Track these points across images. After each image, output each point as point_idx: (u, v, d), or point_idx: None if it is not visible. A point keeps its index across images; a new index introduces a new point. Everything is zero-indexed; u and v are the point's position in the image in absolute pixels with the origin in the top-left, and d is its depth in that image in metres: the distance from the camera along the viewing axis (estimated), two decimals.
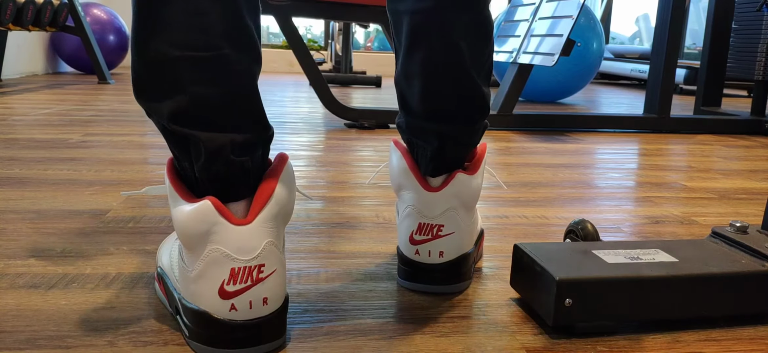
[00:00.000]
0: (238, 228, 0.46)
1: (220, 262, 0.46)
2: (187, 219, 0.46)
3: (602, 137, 1.83)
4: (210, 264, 0.46)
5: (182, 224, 0.46)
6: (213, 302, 0.47)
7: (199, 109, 0.46)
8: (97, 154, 1.24)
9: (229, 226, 0.46)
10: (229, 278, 0.46)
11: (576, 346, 0.52)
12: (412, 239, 0.61)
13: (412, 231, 0.61)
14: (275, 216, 0.48)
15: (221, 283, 0.46)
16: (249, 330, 0.47)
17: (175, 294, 0.52)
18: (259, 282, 0.47)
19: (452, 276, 0.61)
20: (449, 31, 0.57)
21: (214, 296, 0.47)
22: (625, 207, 1.01)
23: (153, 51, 0.45)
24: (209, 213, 0.46)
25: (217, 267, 0.46)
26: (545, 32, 1.92)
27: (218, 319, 0.47)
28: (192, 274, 0.48)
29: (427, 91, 0.59)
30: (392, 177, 0.63)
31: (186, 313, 0.49)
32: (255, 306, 0.47)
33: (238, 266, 0.46)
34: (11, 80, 2.90)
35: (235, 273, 0.46)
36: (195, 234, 0.46)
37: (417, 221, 0.60)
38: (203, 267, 0.47)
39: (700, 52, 4.64)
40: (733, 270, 0.57)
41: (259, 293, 0.47)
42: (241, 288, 0.47)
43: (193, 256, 0.47)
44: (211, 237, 0.46)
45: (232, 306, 0.47)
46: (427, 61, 0.58)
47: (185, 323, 0.49)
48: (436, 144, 0.60)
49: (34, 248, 0.70)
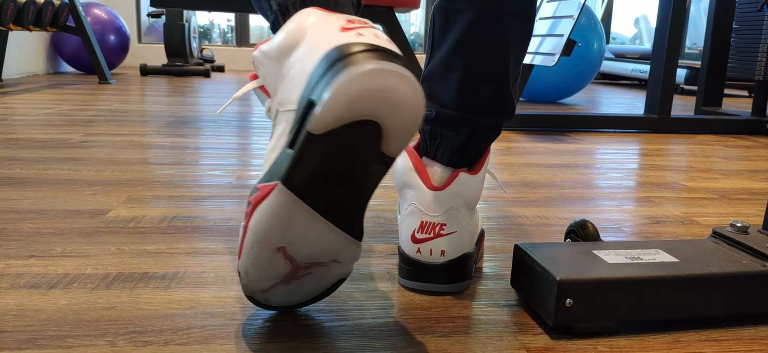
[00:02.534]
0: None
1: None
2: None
3: (603, 137, 1.83)
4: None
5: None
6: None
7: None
8: (98, 154, 1.24)
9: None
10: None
11: (577, 346, 0.52)
12: (413, 237, 0.61)
13: (414, 229, 0.61)
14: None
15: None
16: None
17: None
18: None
19: (453, 275, 0.62)
20: (502, 38, 0.61)
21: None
22: (625, 208, 1.01)
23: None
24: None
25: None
26: (546, 32, 1.92)
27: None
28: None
29: (463, 88, 0.62)
30: (396, 176, 0.64)
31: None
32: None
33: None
34: (12, 80, 2.90)
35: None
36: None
37: (419, 219, 0.61)
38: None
39: (700, 52, 4.64)
40: (734, 271, 0.57)
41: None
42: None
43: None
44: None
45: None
46: (472, 61, 0.61)
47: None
48: (467, 134, 0.63)
49: (35, 248, 0.70)
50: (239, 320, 0.55)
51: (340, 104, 0.41)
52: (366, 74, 0.41)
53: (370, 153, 0.45)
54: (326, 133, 0.42)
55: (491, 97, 0.63)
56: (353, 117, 0.42)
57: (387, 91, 0.42)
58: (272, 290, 0.52)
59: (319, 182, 0.45)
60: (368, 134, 0.43)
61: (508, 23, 0.61)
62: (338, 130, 0.42)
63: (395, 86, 0.42)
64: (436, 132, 0.64)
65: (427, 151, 0.65)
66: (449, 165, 0.64)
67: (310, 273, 0.51)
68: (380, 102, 0.42)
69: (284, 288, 0.52)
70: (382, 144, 0.45)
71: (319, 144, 0.43)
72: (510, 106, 0.64)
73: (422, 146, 0.66)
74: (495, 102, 0.63)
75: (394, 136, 0.44)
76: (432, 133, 0.65)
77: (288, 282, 0.51)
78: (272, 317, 0.55)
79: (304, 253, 0.49)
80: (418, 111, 0.43)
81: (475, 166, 0.64)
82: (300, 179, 0.45)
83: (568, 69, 2.74)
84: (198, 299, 0.58)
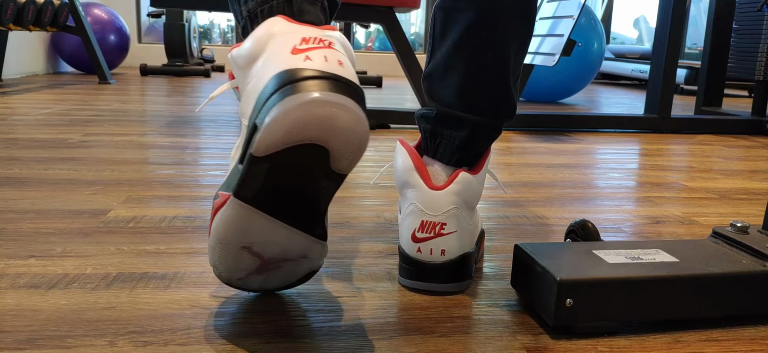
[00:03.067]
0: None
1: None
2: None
3: (603, 137, 1.83)
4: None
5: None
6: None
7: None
8: (98, 154, 1.24)
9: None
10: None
11: (577, 346, 0.52)
12: (414, 237, 0.61)
13: (414, 229, 0.61)
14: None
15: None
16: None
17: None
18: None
19: (453, 275, 0.62)
20: (503, 37, 0.61)
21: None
22: (625, 208, 1.01)
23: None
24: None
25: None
26: (546, 32, 1.91)
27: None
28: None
29: (464, 87, 0.62)
30: (397, 176, 0.64)
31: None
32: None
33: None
34: (12, 80, 2.90)
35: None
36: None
37: (420, 219, 0.61)
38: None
39: (700, 52, 4.64)
40: (734, 271, 0.57)
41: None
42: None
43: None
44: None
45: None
46: (473, 60, 0.62)
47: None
48: (467, 133, 0.63)
49: (34, 248, 0.70)
50: (239, 320, 0.55)
51: (279, 131, 0.42)
52: (306, 104, 0.42)
53: (319, 170, 0.46)
54: (269, 155, 0.43)
55: (492, 97, 0.63)
56: (295, 141, 0.43)
57: (328, 120, 0.43)
58: (246, 279, 0.54)
59: (272, 194, 0.47)
60: (314, 155, 0.45)
61: (509, 23, 0.61)
62: (281, 152, 0.43)
63: (336, 115, 0.43)
64: (436, 131, 0.64)
65: (428, 150, 0.65)
66: (450, 164, 0.64)
67: (281, 267, 0.53)
68: (321, 129, 0.43)
69: (258, 278, 0.54)
70: (330, 163, 0.46)
71: (263, 164, 0.44)
72: (511, 105, 0.64)
73: (423, 145, 0.66)
74: (496, 101, 0.63)
75: (341, 157, 0.45)
76: (433, 132, 0.65)
77: (261, 272, 0.53)
78: (272, 317, 0.55)
79: (271, 251, 0.51)
80: (361, 137, 0.44)
81: (475, 166, 0.64)
82: (250, 192, 0.47)
83: (568, 69, 2.74)
84: (198, 299, 0.58)
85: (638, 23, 6.32)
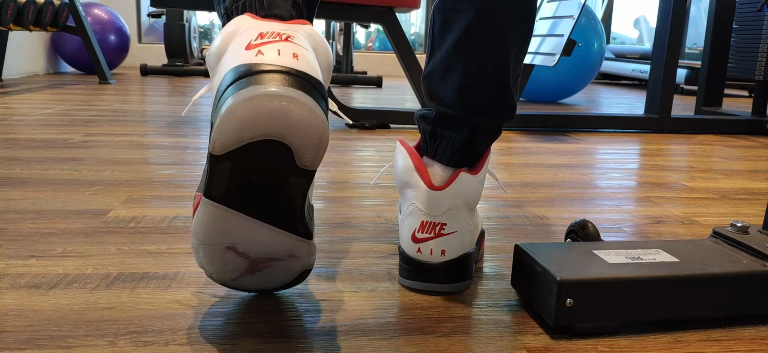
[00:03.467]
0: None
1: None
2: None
3: (603, 137, 1.83)
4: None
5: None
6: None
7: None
8: (98, 154, 1.24)
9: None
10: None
11: (577, 346, 0.52)
12: (414, 237, 0.61)
13: (414, 229, 0.61)
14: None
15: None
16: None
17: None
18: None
19: (453, 275, 0.62)
20: (503, 37, 0.61)
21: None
22: (626, 208, 1.01)
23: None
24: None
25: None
26: (546, 32, 1.92)
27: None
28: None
29: (464, 88, 0.62)
30: (397, 176, 0.64)
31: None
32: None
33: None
34: (12, 80, 2.90)
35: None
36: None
37: (420, 219, 0.61)
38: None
39: (700, 52, 4.63)
40: (734, 271, 0.57)
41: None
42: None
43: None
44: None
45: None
46: (472, 59, 0.61)
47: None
48: (467, 134, 0.63)
49: (35, 248, 0.70)
50: (240, 320, 0.55)
51: (230, 128, 0.41)
52: (254, 98, 0.41)
53: (285, 167, 0.45)
54: (226, 153, 0.43)
55: (492, 97, 0.63)
56: (250, 138, 0.42)
57: (279, 114, 0.41)
58: (240, 279, 0.53)
59: (242, 192, 0.46)
60: (276, 151, 0.43)
61: (508, 23, 0.61)
62: (239, 150, 0.42)
63: (287, 109, 0.41)
64: (436, 131, 0.64)
65: (428, 151, 0.65)
66: (450, 164, 0.64)
67: (271, 267, 0.52)
68: (274, 125, 0.42)
69: (252, 278, 0.53)
70: (295, 159, 0.45)
71: (224, 162, 0.44)
72: (511, 105, 0.64)
73: (423, 145, 0.66)
74: (496, 101, 0.63)
75: (304, 153, 0.44)
76: (432, 133, 0.64)
77: (253, 272, 0.52)
78: (273, 317, 0.55)
79: (256, 251, 0.50)
80: (319, 131, 0.43)
81: (475, 166, 0.64)
82: (219, 192, 0.45)
83: (569, 69, 2.74)
84: (199, 299, 0.58)
85: (638, 23, 6.32)
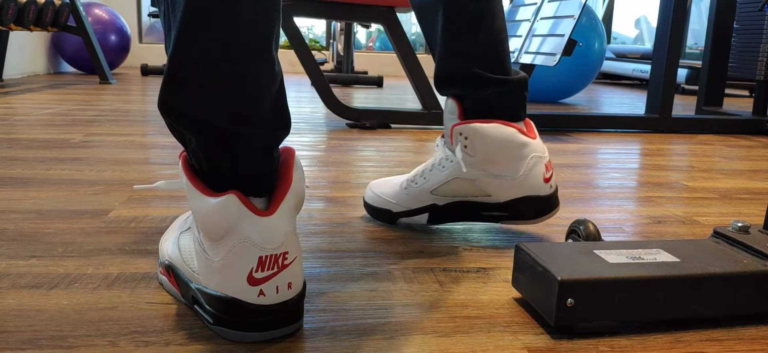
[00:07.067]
0: (262, 219, 0.49)
1: (247, 252, 0.49)
2: (212, 212, 0.49)
3: (604, 137, 1.83)
4: (238, 253, 0.49)
5: (206, 217, 0.49)
6: (242, 289, 0.49)
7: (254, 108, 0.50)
8: (99, 154, 1.24)
9: (255, 217, 0.49)
10: (257, 266, 0.49)
11: (578, 346, 0.52)
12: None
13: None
14: (293, 206, 0.51)
15: (250, 271, 0.49)
16: (276, 313, 0.50)
17: (192, 284, 0.53)
18: (285, 269, 0.50)
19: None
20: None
21: (243, 283, 0.49)
22: (626, 207, 1.01)
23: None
24: (234, 205, 0.48)
25: (245, 256, 0.49)
26: (547, 32, 1.91)
27: (248, 304, 0.49)
28: (217, 264, 0.50)
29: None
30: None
31: (210, 301, 0.51)
32: (281, 291, 0.50)
33: (265, 254, 0.49)
34: (13, 80, 2.90)
35: (262, 261, 0.49)
36: (220, 227, 0.49)
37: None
38: (231, 257, 0.49)
39: (701, 51, 4.63)
40: (735, 270, 0.57)
41: (285, 278, 0.50)
42: (269, 274, 0.49)
43: (218, 247, 0.50)
44: (237, 229, 0.49)
45: (260, 292, 0.49)
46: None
47: (208, 311, 0.51)
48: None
49: (36, 248, 0.70)
50: None
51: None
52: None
53: None
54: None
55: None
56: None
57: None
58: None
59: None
60: None
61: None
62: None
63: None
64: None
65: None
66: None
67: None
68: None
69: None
70: None
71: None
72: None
73: None
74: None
75: None
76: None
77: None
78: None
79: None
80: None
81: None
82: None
83: (569, 69, 2.74)
84: None
85: (639, 23, 6.32)
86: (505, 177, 0.76)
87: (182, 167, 0.52)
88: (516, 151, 0.75)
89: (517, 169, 0.75)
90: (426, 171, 0.81)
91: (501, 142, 0.74)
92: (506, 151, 0.75)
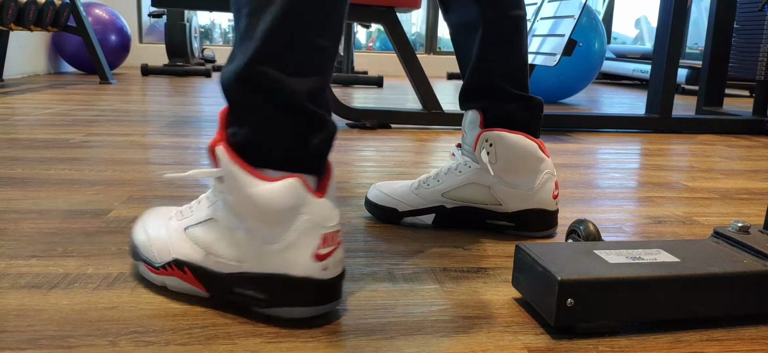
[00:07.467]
0: (321, 200, 0.54)
1: (314, 230, 0.53)
2: (277, 195, 0.52)
3: (604, 137, 1.83)
4: (304, 233, 0.53)
5: (268, 201, 0.52)
6: (311, 266, 0.53)
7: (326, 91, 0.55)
8: (99, 154, 1.24)
9: (315, 198, 0.53)
10: (321, 243, 0.53)
11: (578, 346, 0.52)
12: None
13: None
14: (334, 187, 0.57)
15: (315, 248, 0.53)
16: (334, 286, 0.55)
17: (226, 272, 0.55)
18: (340, 245, 0.55)
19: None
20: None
21: (311, 261, 0.53)
22: (626, 208, 1.01)
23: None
24: (299, 187, 0.52)
25: (311, 234, 0.53)
26: (547, 32, 1.92)
27: (317, 280, 0.54)
28: (278, 246, 0.53)
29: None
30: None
31: (265, 283, 0.54)
32: (338, 265, 0.55)
33: (327, 232, 0.54)
34: (13, 80, 2.90)
35: (325, 238, 0.53)
36: (284, 209, 0.52)
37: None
38: (296, 237, 0.53)
39: (701, 52, 4.63)
40: (735, 270, 0.57)
41: (340, 253, 0.55)
42: (330, 250, 0.54)
43: (277, 229, 0.53)
44: (300, 209, 0.53)
45: (324, 267, 0.54)
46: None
47: (261, 293, 0.54)
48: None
49: (36, 248, 0.70)
50: (240, 320, 0.55)
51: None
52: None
53: None
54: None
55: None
56: None
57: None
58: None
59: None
60: None
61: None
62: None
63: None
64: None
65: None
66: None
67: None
68: None
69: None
70: None
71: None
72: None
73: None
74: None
75: None
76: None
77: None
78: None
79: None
80: None
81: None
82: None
83: (570, 69, 2.74)
84: (199, 299, 0.58)
85: (639, 23, 6.32)
86: (520, 188, 0.79)
87: (229, 155, 0.53)
88: (535, 164, 0.79)
89: (532, 181, 0.79)
90: (440, 174, 0.84)
91: (523, 152, 0.78)
92: (526, 162, 0.79)
